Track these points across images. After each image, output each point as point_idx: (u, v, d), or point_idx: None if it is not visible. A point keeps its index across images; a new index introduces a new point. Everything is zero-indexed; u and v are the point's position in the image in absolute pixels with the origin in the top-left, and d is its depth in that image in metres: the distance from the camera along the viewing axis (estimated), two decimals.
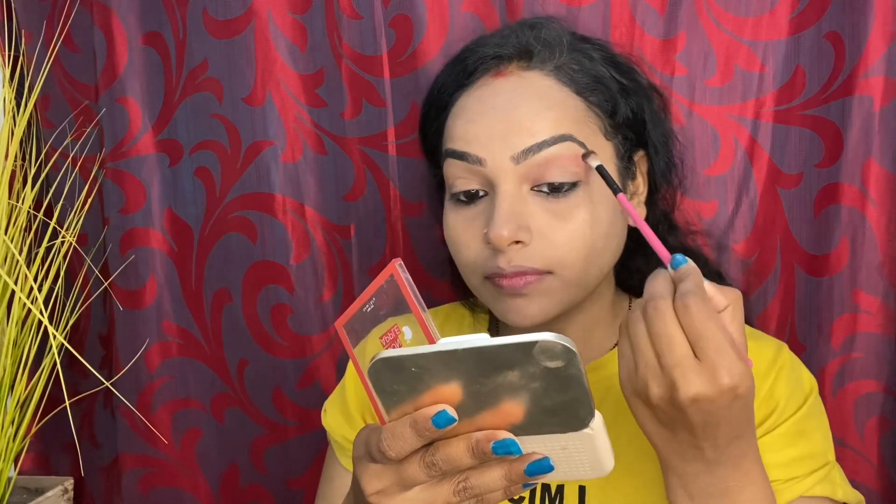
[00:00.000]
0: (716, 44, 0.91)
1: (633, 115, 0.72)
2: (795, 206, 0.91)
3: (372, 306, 0.56)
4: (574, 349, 0.47)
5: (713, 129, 0.92)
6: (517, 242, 0.66)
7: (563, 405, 0.49)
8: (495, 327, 0.81)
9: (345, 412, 0.82)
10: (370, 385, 0.51)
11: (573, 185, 0.67)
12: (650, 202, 0.76)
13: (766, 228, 0.92)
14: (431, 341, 0.52)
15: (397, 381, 0.49)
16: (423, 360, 0.48)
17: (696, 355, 0.53)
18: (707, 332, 0.52)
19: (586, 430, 0.50)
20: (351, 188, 1.01)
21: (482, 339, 0.48)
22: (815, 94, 0.89)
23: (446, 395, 0.49)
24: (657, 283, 0.56)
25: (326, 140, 1.01)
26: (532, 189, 0.67)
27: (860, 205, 0.88)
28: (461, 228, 0.70)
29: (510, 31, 0.73)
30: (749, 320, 0.92)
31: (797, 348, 0.92)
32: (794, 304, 0.92)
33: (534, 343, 0.47)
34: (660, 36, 0.92)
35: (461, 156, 0.68)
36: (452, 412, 0.49)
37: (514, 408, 0.49)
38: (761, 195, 0.92)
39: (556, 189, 0.66)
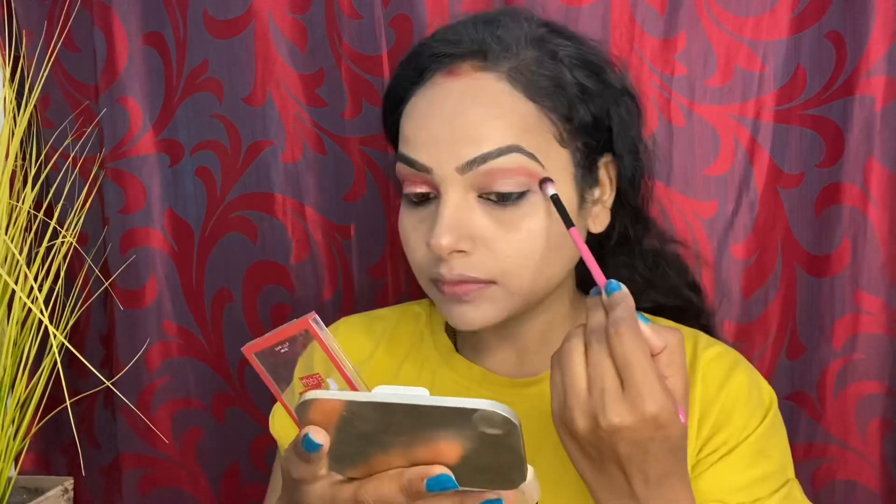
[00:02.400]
0: (716, 44, 0.90)
1: (594, 120, 0.69)
2: (796, 207, 0.91)
3: (286, 349, 0.56)
4: (515, 421, 0.46)
5: (713, 129, 0.91)
6: (459, 252, 0.65)
7: (495, 467, 0.49)
8: (452, 328, 0.79)
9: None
10: (297, 419, 0.51)
11: (522, 195, 0.65)
12: (618, 206, 0.74)
13: (767, 229, 0.92)
14: None
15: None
16: (355, 407, 0.48)
17: (622, 384, 0.53)
18: (634, 360, 0.52)
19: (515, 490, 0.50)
20: (351, 188, 1.01)
21: (420, 396, 0.47)
22: (816, 93, 0.89)
23: (373, 441, 0.49)
24: (598, 314, 0.55)
25: (326, 140, 1.01)
26: (480, 196, 0.66)
27: (862, 205, 0.88)
28: (410, 229, 0.69)
29: (468, 25, 0.70)
30: (749, 321, 0.93)
31: (798, 349, 0.92)
32: (795, 305, 0.92)
33: (474, 410, 0.46)
34: (660, 36, 0.91)
35: (409, 162, 0.67)
36: (321, 439, 0.49)
37: (444, 461, 0.49)
38: (762, 195, 0.92)
39: (504, 197, 0.65)
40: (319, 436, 0.49)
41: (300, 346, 0.55)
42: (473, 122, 0.65)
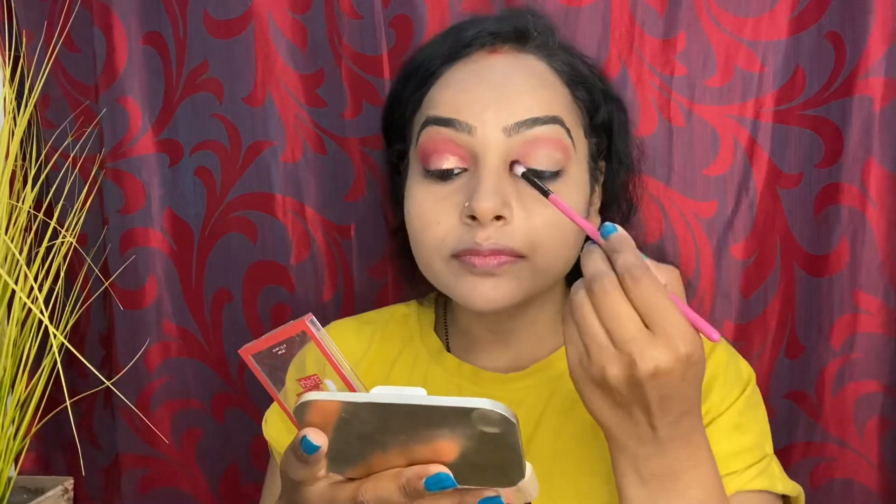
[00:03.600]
0: (715, 44, 0.91)
1: (609, 121, 0.73)
2: (795, 207, 0.91)
3: (283, 350, 0.56)
4: (513, 419, 0.46)
5: (713, 129, 0.92)
6: (499, 218, 0.65)
7: (494, 465, 0.49)
8: (443, 326, 0.80)
9: (287, 421, 0.79)
10: (296, 420, 0.51)
11: (555, 174, 0.67)
12: (601, 212, 0.77)
13: (766, 228, 0.92)
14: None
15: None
16: (353, 407, 0.48)
17: (647, 328, 0.53)
18: (659, 304, 0.52)
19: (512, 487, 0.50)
20: (351, 188, 1.01)
21: (418, 396, 0.47)
22: (815, 94, 0.89)
23: (371, 441, 0.49)
24: (596, 261, 0.55)
25: (326, 140, 1.01)
26: None
27: (860, 205, 0.88)
28: (432, 203, 0.68)
29: (510, 13, 0.74)
30: (748, 321, 0.93)
31: (797, 348, 0.92)
32: (794, 305, 0.92)
33: (472, 409, 0.46)
34: (660, 36, 0.92)
35: (447, 122, 0.67)
36: (320, 441, 0.49)
37: (442, 459, 0.49)
38: (761, 195, 0.92)
39: (537, 175, 0.66)
40: (318, 437, 0.49)
41: (297, 347, 0.56)
42: (522, 89, 0.67)
